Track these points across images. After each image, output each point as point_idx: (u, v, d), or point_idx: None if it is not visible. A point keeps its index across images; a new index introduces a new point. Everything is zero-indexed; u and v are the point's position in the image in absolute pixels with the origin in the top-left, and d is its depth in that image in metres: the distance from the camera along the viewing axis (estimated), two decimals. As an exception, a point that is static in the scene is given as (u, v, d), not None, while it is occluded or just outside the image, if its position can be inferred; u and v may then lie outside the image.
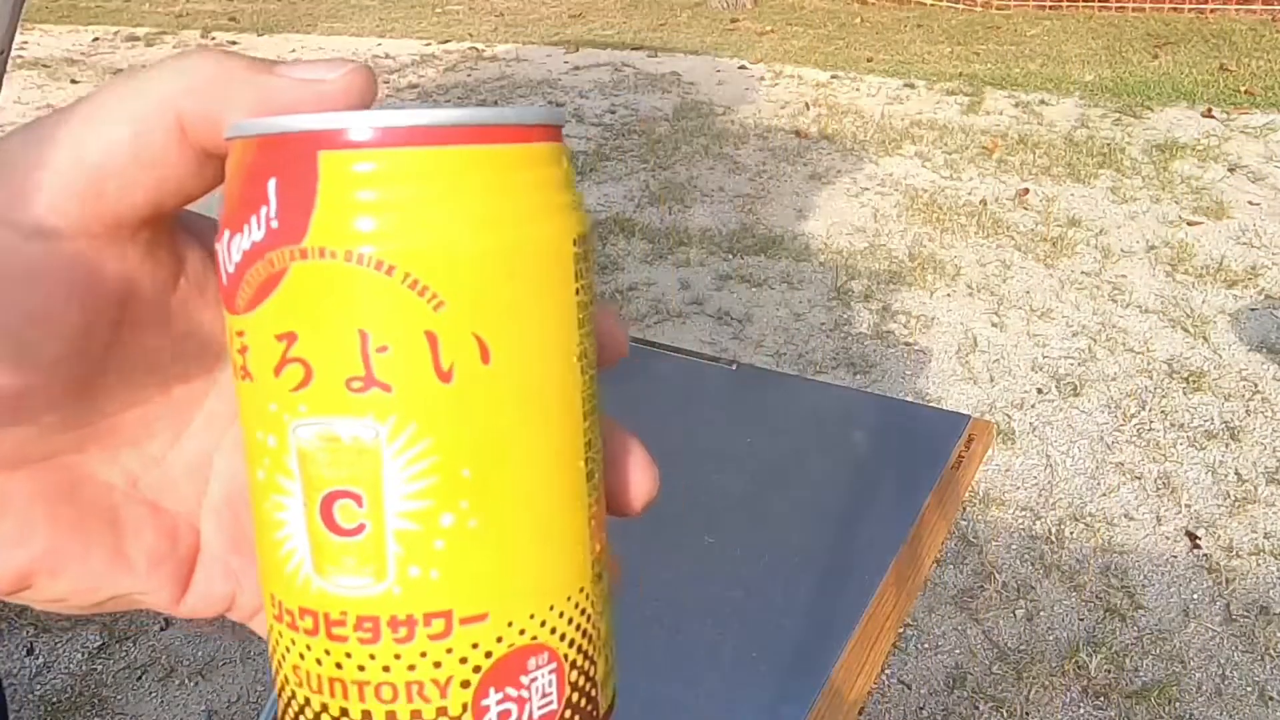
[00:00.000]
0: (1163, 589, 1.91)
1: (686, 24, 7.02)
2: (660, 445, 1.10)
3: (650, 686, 0.88)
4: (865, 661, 0.90)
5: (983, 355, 2.71)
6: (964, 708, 1.69)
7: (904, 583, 0.99)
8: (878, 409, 1.28)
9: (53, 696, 1.79)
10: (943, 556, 2.01)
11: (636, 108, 5.01)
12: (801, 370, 2.67)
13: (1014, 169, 3.97)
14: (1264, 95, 4.62)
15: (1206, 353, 2.66)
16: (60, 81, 6.06)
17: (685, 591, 0.98)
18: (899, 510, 1.08)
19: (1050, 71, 5.27)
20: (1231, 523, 2.07)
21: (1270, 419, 2.38)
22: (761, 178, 4.02)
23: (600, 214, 3.75)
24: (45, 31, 7.66)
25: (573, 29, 6.98)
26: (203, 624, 1.93)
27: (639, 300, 3.08)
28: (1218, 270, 3.08)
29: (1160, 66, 5.24)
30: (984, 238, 3.39)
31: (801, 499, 1.11)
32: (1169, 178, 3.79)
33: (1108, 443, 2.33)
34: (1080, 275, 3.11)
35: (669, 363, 1.41)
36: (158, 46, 6.99)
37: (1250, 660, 1.75)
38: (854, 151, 4.25)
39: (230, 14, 8.04)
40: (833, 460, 1.18)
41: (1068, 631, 1.83)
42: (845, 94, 5.09)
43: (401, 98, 5.38)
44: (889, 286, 3.10)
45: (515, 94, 5.34)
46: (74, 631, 1.93)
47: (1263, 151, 3.99)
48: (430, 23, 7.42)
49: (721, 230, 3.55)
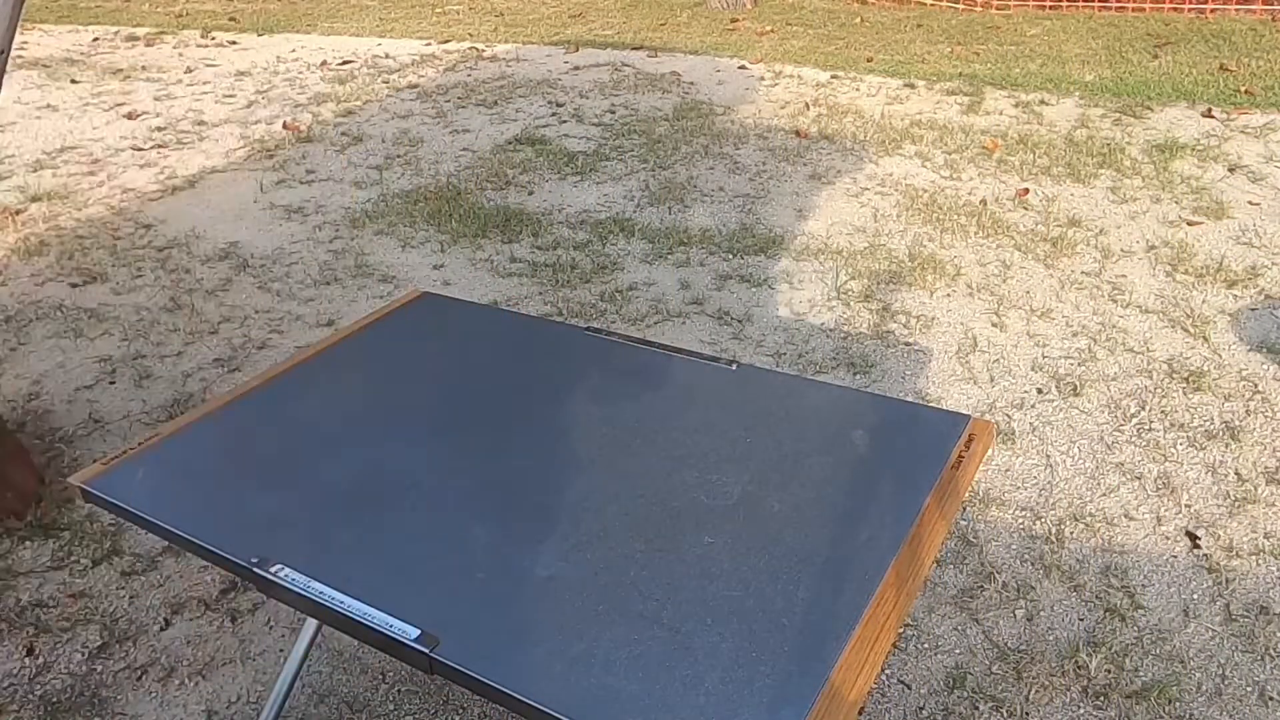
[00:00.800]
0: (1163, 589, 1.91)
1: (686, 24, 7.02)
2: (660, 445, 1.12)
3: (650, 686, 0.88)
4: (865, 661, 0.90)
5: (983, 355, 2.71)
6: (964, 708, 1.69)
7: (904, 583, 0.99)
8: (878, 409, 1.28)
9: (53, 696, 1.79)
10: (943, 556, 2.01)
11: (636, 108, 5.01)
12: (801, 370, 2.67)
13: (1014, 169, 3.97)
14: (1264, 95, 4.62)
15: (1206, 353, 2.66)
16: (60, 81, 6.06)
17: (685, 591, 0.98)
18: (899, 510, 1.08)
19: (1050, 71, 5.27)
20: (1231, 523, 2.07)
21: (1270, 419, 2.38)
22: (761, 178, 4.02)
23: (600, 214, 3.75)
24: (45, 31, 7.66)
25: (573, 29, 6.98)
26: (203, 624, 1.93)
27: (639, 300, 3.08)
28: (1218, 270, 3.08)
29: (1160, 66, 5.24)
30: (984, 238, 3.39)
31: (801, 499, 1.11)
32: (1169, 178, 3.79)
33: (1108, 443, 2.33)
34: (1080, 275, 3.11)
35: (669, 363, 1.41)
36: (158, 46, 6.99)
37: (1250, 660, 1.75)
38: (854, 151, 4.25)
39: (230, 14, 8.04)
40: (833, 460, 1.18)
41: (1068, 631, 1.83)
42: (845, 94, 5.09)
43: (401, 97, 5.38)
44: (889, 286, 3.10)
45: (515, 94, 5.34)
46: (74, 631, 1.93)
47: (1263, 151, 3.99)
48: (430, 23, 7.41)
49: (721, 230, 3.55)
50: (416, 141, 4.66)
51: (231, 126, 5.04)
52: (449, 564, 1.05)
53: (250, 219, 3.88)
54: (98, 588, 2.04)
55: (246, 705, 1.76)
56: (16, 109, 5.52)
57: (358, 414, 1.34)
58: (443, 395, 1.37)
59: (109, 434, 2.55)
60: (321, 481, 1.20)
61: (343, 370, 1.47)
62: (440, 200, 3.93)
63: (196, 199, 4.10)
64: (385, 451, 1.25)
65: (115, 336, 3.03)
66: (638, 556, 1.03)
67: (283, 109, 5.31)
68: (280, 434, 1.31)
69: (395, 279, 3.31)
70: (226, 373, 2.81)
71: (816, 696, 0.85)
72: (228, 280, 3.37)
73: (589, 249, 3.46)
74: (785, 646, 0.91)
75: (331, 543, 1.09)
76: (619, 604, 0.97)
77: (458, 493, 1.16)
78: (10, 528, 2.21)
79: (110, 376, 2.82)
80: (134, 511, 1.18)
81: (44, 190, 4.24)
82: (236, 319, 3.11)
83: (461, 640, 0.94)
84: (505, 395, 1.36)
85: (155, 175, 4.40)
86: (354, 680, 1.79)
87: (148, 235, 3.77)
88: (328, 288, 3.29)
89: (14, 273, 3.50)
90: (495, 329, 1.56)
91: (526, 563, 1.04)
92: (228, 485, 1.21)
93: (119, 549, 2.14)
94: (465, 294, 3.19)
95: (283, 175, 4.32)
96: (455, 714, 1.72)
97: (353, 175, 4.29)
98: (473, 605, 0.99)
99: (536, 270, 3.32)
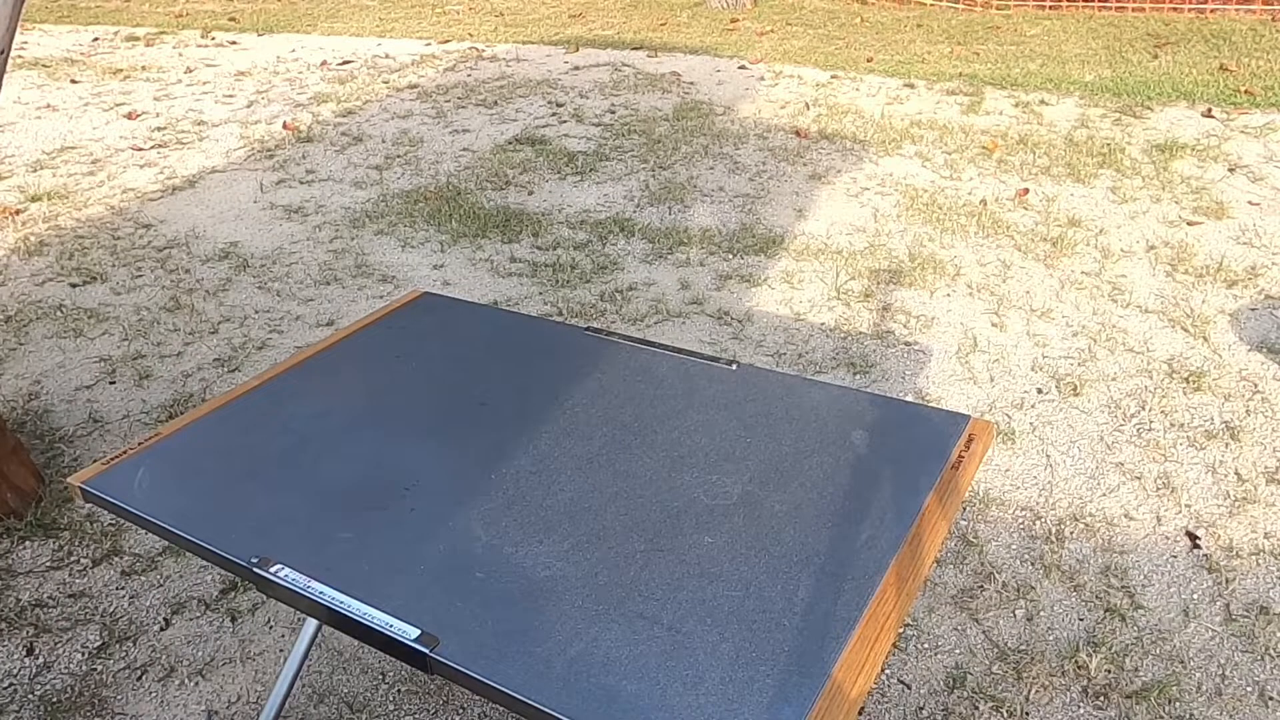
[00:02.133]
0: (1163, 589, 1.91)
1: (686, 24, 7.02)
2: (660, 445, 1.12)
3: (650, 686, 0.88)
4: (865, 661, 0.90)
5: (983, 355, 2.71)
6: (964, 708, 1.69)
7: (904, 583, 0.99)
8: (878, 409, 1.29)
9: (53, 696, 1.79)
10: (943, 556, 2.01)
11: (636, 108, 5.01)
12: (801, 370, 2.67)
13: (1014, 169, 3.97)
14: (1264, 95, 4.62)
15: (1206, 353, 2.66)
16: (60, 81, 6.06)
17: (685, 591, 0.98)
18: (899, 510, 1.08)
19: (1050, 71, 5.27)
20: (1231, 523, 2.07)
21: (1270, 419, 2.38)
22: (761, 177, 4.02)
23: (600, 214, 3.75)
24: (45, 31, 7.66)
25: (573, 29, 6.98)
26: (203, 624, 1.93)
27: (639, 300, 3.08)
28: (1218, 270, 3.08)
29: (1160, 66, 5.24)
30: (984, 238, 3.39)
31: (801, 499, 1.11)
32: (1169, 178, 3.79)
33: (1108, 443, 2.33)
34: (1080, 275, 3.11)
35: (669, 362, 1.41)
36: (157, 46, 6.99)
37: (1250, 660, 1.75)
38: (854, 151, 4.25)
39: (230, 14, 8.04)
40: (833, 460, 1.18)
41: (1068, 631, 1.83)
42: (845, 94, 5.09)
43: (401, 97, 5.38)
44: (889, 286, 3.10)
45: (515, 94, 5.34)
46: (74, 631, 1.93)
47: (1263, 151, 3.99)
48: (430, 23, 7.41)
49: (721, 230, 3.55)
50: (416, 141, 4.67)
51: (231, 126, 5.04)
52: (449, 564, 1.05)
53: (250, 219, 3.88)
54: (97, 587, 2.04)
55: (246, 705, 1.76)
56: (16, 109, 5.52)
57: (357, 414, 1.34)
58: (443, 395, 1.38)
59: (109, 434, 2.55)
60: (321, 481, 1.20)
61: (343, 370, 1.47)
62: (440, 200, 3.93)
63: (196, 199, 4.10)
64: (385, 451, 1.25)
65: (115, 336, 3.03)
66: (638, 556, 1.03)
67: (283, 109, 5.31)
68: (280, 434, 1.31)
69: (395, 279, 3.31)
70: (226, 373, 2.81)
71: (816, 696, 0.85)
72: (228, 280, 3.37)
73: (589, 249, 3.46)
74: (785, 646, 0.91)
75: (331, 543, 1.09)
76: (619, 604, 0.97)
77: (458, 493, 1.16)
78: (10, 528, 2.21)
79: (110, 376, 2.82)
80: (134, 511, 1.18)
81: (44, 190, 4.24)
82: (236, 319, 3.11)
83: (461, 640, 0.94)
84: (505, 395, 1.36)
85: (155, 175, 4.40)
86: (354, 680, 1.80)
87: (148, 235, 3.77)
88: (327, 288, 3.29)
89: (14, 273, 3.50)
90: (495, 329, 1.57)
91: (526, 563, 1.04)
92: (227, 485, 1.21)
93: (119, 549, 2.14)
94: (465, 294, 3.19)
95: (283, 175, 4.32)
96: (455, 714, 1.72)
97: (353, 175, 4.29)
98: (473, 605, 0.99)
99: (536, 270, 3.32)
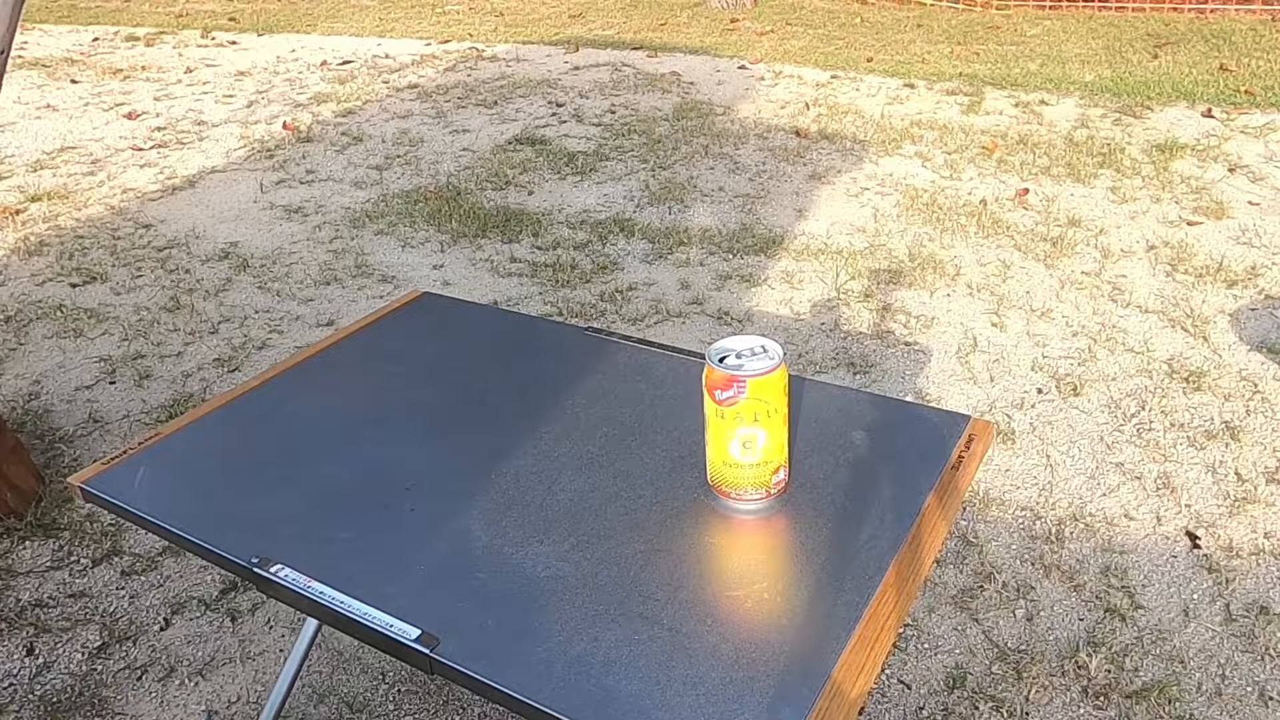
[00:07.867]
0: (1163, 589, 1.91)
1: (686, 24, 7.02)
2: (660, 445, 1.12)
3: (650, 686, 0.88)
4: (865, 661, 0.90)
5: (983, 355, 2.71)
6: (964, 708, 1.69)
7: (904, 583, 0.99)
8: (878, 409, 1.28)
9: (53, 696, 1.79)
10: (943, 556, 2.01)
11: (636, 108, 5.01)
12: (801, 370, 2.67)
13: (1014, 169, 3.97)
14: (1264, 95, 4.62)
15: (1206, 353, 2.66)
16: (60, 81, 6.06)
17: (685, 591, 0.98)
18: (899, 510, 1.08)
19: (1050, 71, 5.27)
20: (1231, 523, 2.07)
21: (1270, 419, 2.38)
22: (761, 178, 4.02)
23: (600, 214, 3.75)
24: (45, 31, 7.66)
25: (573, 29, 6.98)
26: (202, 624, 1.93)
27: (639, 300, 3.08)
28: (1218, 270, 3.08)
29: (1160, 66, 5.24)
30: (984, 238, 3.39)
31: (801, 499, 1.11)
32: (1169, 178, 3.79)
33: (1108, 443, 2.33)
34: (1080, 275, 3.11)
35: (669, 363, 1.41)
36: (157, 46, 6.99)
37: (1250, 660, 1.75)
38: (854, 151, 4.25)
39: (230, 14, 8.04)
40: (833, 460, 1.18)
41: (1068, 631, 1.83)
42: (845, 94, 5.09)
43: (401, 97, 5.38)
44: (889, 286, 3.10)
45: (515, 94, 5.34)
46: (74, 631, 1.93)
47: (1263, 151, 3.99)
48: (430, 23, 7.41)
49: (721, 230, 3.55)
50: (416, 141, 4.67)
51: (231, 126, 5.04)
52: (449, 564, 1.05)
53: (250, 219, 3.88)
54: (98, 587, 2.04)
55: (246, 705, 1.76)
56: (16, 109, 5.52)
57: (357, 414, 1.34)
58: (443, 395, 1.37)
59: (109, 434, 2.55)
60: (321, 481, 1.20)
61: (342, 370, 1.47)
62: (440, 200, 3.93)
63: (196, 199, 4.10)
64: (385, 451, 1.25)
65: (115, 336, 3.04)
66: (638, 556, 1.03)
67: (283, 109, 5.31)
68: (280, 434, 1.31)
69: (395, 279, 3.31)
70: (226, 373, 2.81)
71: (817, 696, 0.85)
72: (228, 280, 3.37)
73: (589, 249, 3.46)
74: (785, 646, 0.91)
75: (331, 543, 1.09)
76: (619, 604, 0.97)
77: (457, 493, 1.16)
78: (10, 528, 2.21)
79: (110, 376, 2.82)
80: (134, 511, 1.18)
81: (44, 190, 4.24)
82: (236, 319, 3.11)
83: (461, 640, 0.94)
84: (505, 395, 1.36)
85: (155, 175, 4.40)
86: (354, 680, 1.80)
87: (148, 235, 3.77)
88: (327, 288, 3.29)
89: (14, 273, 3.50)
90: (495, 329, 1.56)
91: (526, 563, 1.04)
92: (227, 485, 1.21)
93: (119, 549, 2.14)
94: (465, 294, 3.19)
95: (282, 175, 4.32)
96: (455, 714, 1.72)
97: (352, 175, 4.29)
98: (473, 605, 0.98)
99: (536, 270, 3.32)
